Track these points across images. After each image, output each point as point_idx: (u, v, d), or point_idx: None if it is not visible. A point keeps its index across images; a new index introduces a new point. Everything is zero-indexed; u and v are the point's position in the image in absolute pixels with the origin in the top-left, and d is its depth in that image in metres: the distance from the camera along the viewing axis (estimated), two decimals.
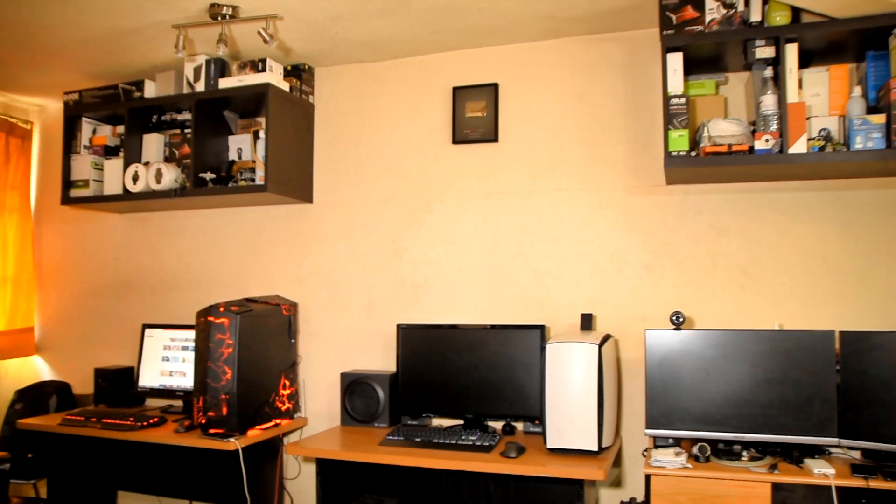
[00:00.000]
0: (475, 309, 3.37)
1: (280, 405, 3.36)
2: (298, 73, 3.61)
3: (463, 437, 2.90)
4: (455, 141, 3.43)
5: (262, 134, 3.49)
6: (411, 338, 3.28)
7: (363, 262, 3.59)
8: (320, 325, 3.65)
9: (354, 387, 3.30)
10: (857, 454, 2.66)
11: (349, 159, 3.66)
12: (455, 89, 3.44)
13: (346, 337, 3.60)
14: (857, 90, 2.68)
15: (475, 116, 3.39)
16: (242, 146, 3.66)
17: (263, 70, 3.41)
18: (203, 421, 3.04)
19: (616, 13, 3.04)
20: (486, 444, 2.84)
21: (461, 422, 3.22)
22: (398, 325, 3.31)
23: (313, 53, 3.54)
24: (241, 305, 3.16)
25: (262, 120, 3.66)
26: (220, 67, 3.51)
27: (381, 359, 3.51)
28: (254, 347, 3.17)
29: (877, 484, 2.34)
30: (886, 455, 2.54)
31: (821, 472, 2.40)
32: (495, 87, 3.38)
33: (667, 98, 2.76)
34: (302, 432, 3.60)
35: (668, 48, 2.78)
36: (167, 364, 3.67)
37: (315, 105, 3.73)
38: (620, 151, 3.22)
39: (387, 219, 3.56)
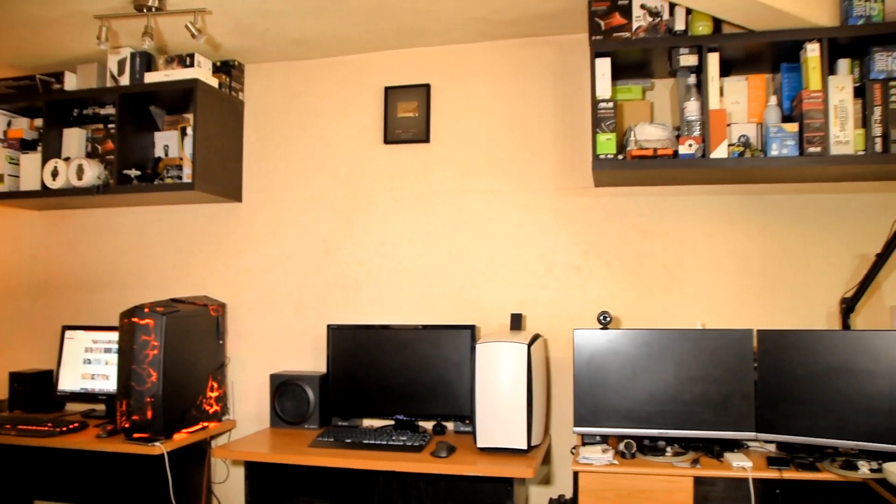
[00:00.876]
0: (406, 309, 3.37)
1: (207, 408, 3.29)
2: (228, 69, 3.54)
3: (393, 438, 2.90)
4: (387, 141, 3.43)
5: (189, 131, 3.40)
6: (342, 338, 3.26)
7: (293, 262, 3.54)
8: (249, 326, 3.59)
9: (284, 388, 3.25)
10: (772, 447, 2.77)
11: (279, 158, 3.61)
12: (387, 89, 3.43)
13: (275, 338, 3.55)
14: (773, 99, 2.80)
15: (407, 117, 3.39)
16: (169, 143, 3.56)
17: (191, 65, 3.33)
18: (127, 425, 2.96)
19: (547, 17, 3.09)
20: (417, 444, 2.85)
21: (392, 422, 3.21)
22: (329, 326, 3.29)
23: (243, 50, 3.47)
24: (167, 306, 3.09)
25: (189, 116, 3.56)
26: (145, 61, 3.41)
27: (312, 360, 3.47)
28: (180, 349, 3.09)
29: (790, 474, 2.46)
30: (799, 447, 2.66)
31: (739, 465, 2.51)
32: (427, 87, 3.39)
33: (595, 102, 2.82)
34: (230, 435, 3.53)
35: (596, 53, 2.84)
36: (89, 367, 3.54)
37: (245, 102, 3.67)
38: (550, 154, 3.27)
39: (317, 218, 3.52)
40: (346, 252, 3.47)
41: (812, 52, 2.67)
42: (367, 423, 3.31)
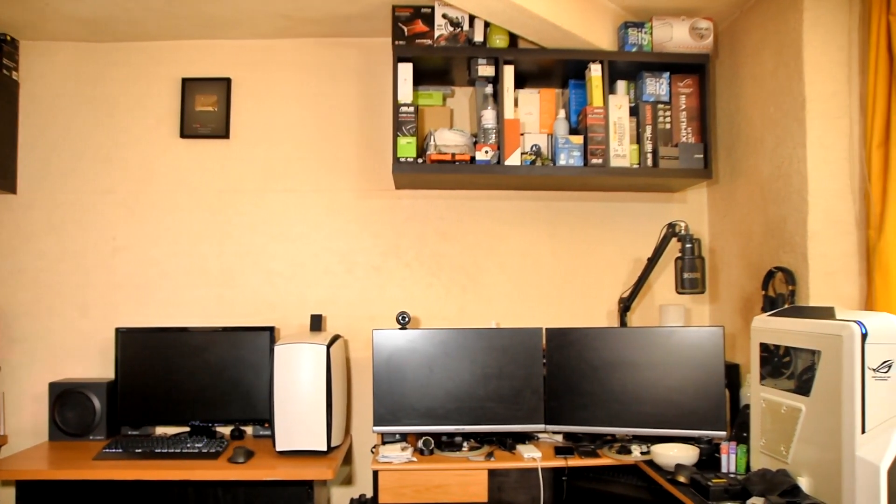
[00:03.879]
0: (203, 310, 3.24)
1: None
2: None
3: (188, 445, 2.80)
4: (183, 135, 3.27)
5: None
6: (132, 342, 3.07)
7: (77, 260, 3.27)
8: (25, 331, 3.26)
9: (65, 397, 3.01)
10: (560, 437, 2.97)
11: (63, 147, 3.31)
12: (185, 80, 3.27)
13: (56, 343, 3.26)
14: (562, 113, 3.01)
15: (206, 111, 3.26)
16: None
17: None
18: None
19: (352, 19, 3.09)
20: (213, 450, 2.77)
21: (187, 429, 3.08)
22: (117, 329, 3.08)
23: (18, 24, 3.14)
24: None
25: None
26: None
27: (99, 366, 3.24)
28: None
29: (574, 462, 2.67)
30: (583, 436, 2.89)
31: (530, 456, 2.67)
32: (228, 81, 3.27)
33: (397, 106, 2.87)
34: None
35: (399, 58, 2.89)
36: None
37: (21, 83, 3.32)
38: (353, 155, 3.28)
39: (105, 214, 3.28)
40: (138, 250, 3.27)
41: (595, 72, 2.91)
42: (161, 430, 3.14)
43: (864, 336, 1.90)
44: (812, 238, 2.54)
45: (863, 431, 1.89)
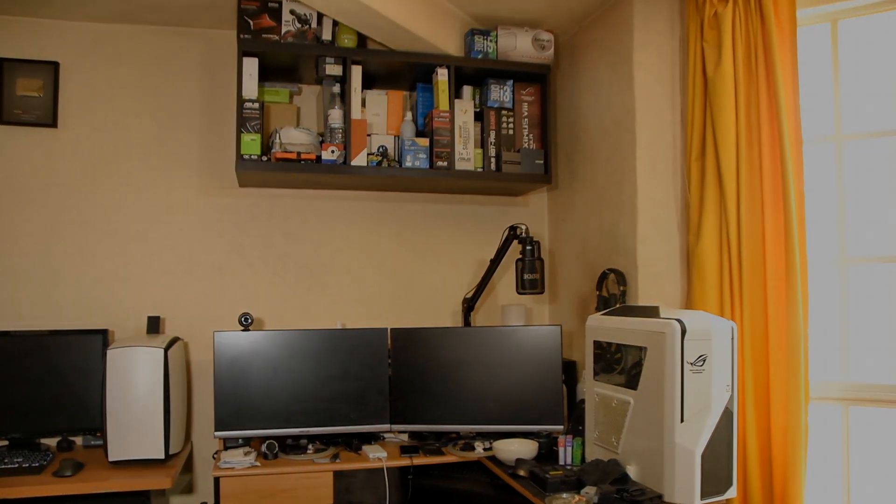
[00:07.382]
0: (27, 313, 3.00)
1: None
2: None
3: (6, 461, 2.59)
4: (3, 122, 3.00)
5: None
6: None
7: None
8: None
9: None
10: (405, 436, 3.01)
11: None
12: (3, 61, 2.99)
13: None
14: (409, 115, 3.06)
15: (29, 96, 3.01)
16: None
17: None
18: None
19: (195, 8, 2.97)
20: (36, 464, 2.58)
21: (6, 443, 2.85)
22: None
23: None
24: None
25: None
26: None
27: None
28: None
29: (419, 460, 2.72)
30: (428, 434, 2.94)
31: (375, 456, 2.69)
32: (56, 65, 3.04)
33: (241, 101, 2.80)
34: None
35: (244, 52, 2.81)
36: None
37: None
38: (194, 150, 3.16)
39: None
40: None
41: (442, 76, 2.97)
42: None
43: (684, 333, 2.06)
44: (641, 242, 2.72)
45: (681, 420, 2.05)
